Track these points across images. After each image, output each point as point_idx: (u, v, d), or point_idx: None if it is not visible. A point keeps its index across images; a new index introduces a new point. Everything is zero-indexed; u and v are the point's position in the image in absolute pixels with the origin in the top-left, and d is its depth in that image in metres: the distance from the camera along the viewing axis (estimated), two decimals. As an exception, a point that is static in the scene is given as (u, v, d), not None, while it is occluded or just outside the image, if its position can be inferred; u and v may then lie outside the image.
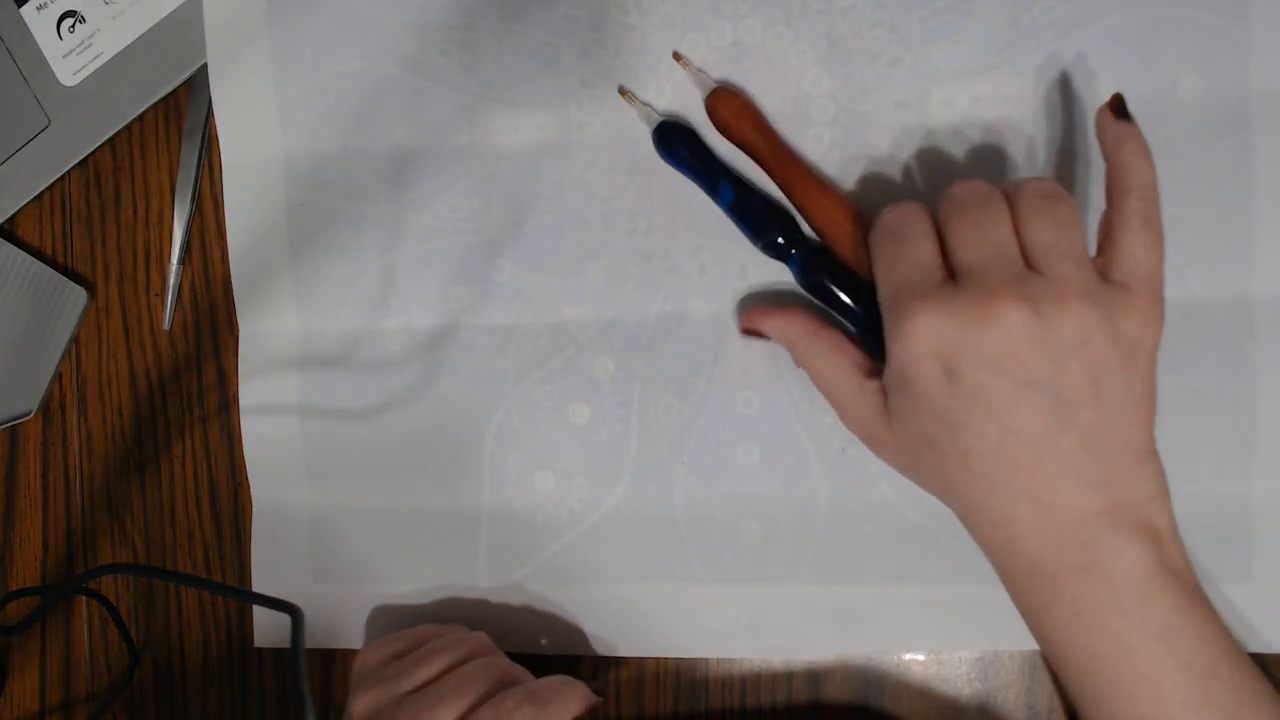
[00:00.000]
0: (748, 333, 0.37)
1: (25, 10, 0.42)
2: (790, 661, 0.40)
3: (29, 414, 0.44)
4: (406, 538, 0.41)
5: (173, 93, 0.43)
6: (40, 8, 0.42)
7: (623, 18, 0.39)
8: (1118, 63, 0.37)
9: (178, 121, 0.43)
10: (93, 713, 0.43)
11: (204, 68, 0.42)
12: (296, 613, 0.33)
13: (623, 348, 0.40)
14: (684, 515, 0.40)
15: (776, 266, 0.39)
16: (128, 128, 0.43)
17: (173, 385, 0.44)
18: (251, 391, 0.42)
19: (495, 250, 0.40)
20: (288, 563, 0.42)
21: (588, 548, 0.40)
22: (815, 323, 0.35)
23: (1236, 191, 0.36)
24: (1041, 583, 0.31)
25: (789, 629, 0.39)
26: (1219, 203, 0.37)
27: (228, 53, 0.41)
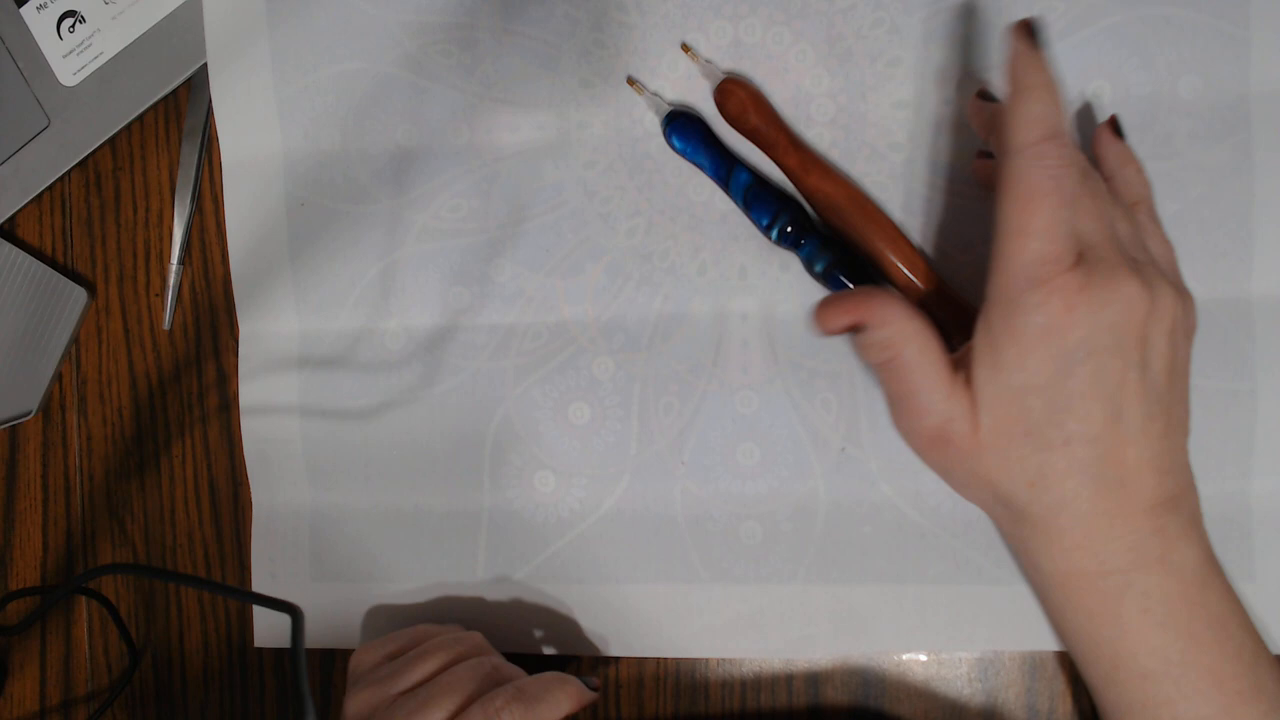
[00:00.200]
0: (834, 330, 0.32)
1: (25, 10, 0.42)
2: (790, 662, 0.40)
3: (29, 414, 0.44)
4: (406, 538, 0.41)
5: (173, 93, 0.43)
6: (40, 8, 0.42)
7: (623, 18, 0.39)
8: (1118, 63, 0.37)
9: (178, 121, 0.43)
10: (93, 713, 0.43)
11: (204, 68, 0.42)
12: (296, 613, 0.33)
13: (623, 348, 0.40)
14: (684, 515, 0.40)
15: (776, 265, 0.39)
16: (128, 128, 0.43)
17: (173, 385, 0.44)
18: (251, 391, 0.42)
19: (495, 250, 0.40)
20: (288, 563, 0.42)
21: (587, 548, 0.40)
22: (909, 308, 0.31)
23: (1236, 191, 0.36)
24: (1111, 579, 0.30)
25: (789, 629, 0.39)
26: (1219, 203, 0.37)
27: (228, 53, 0.41)
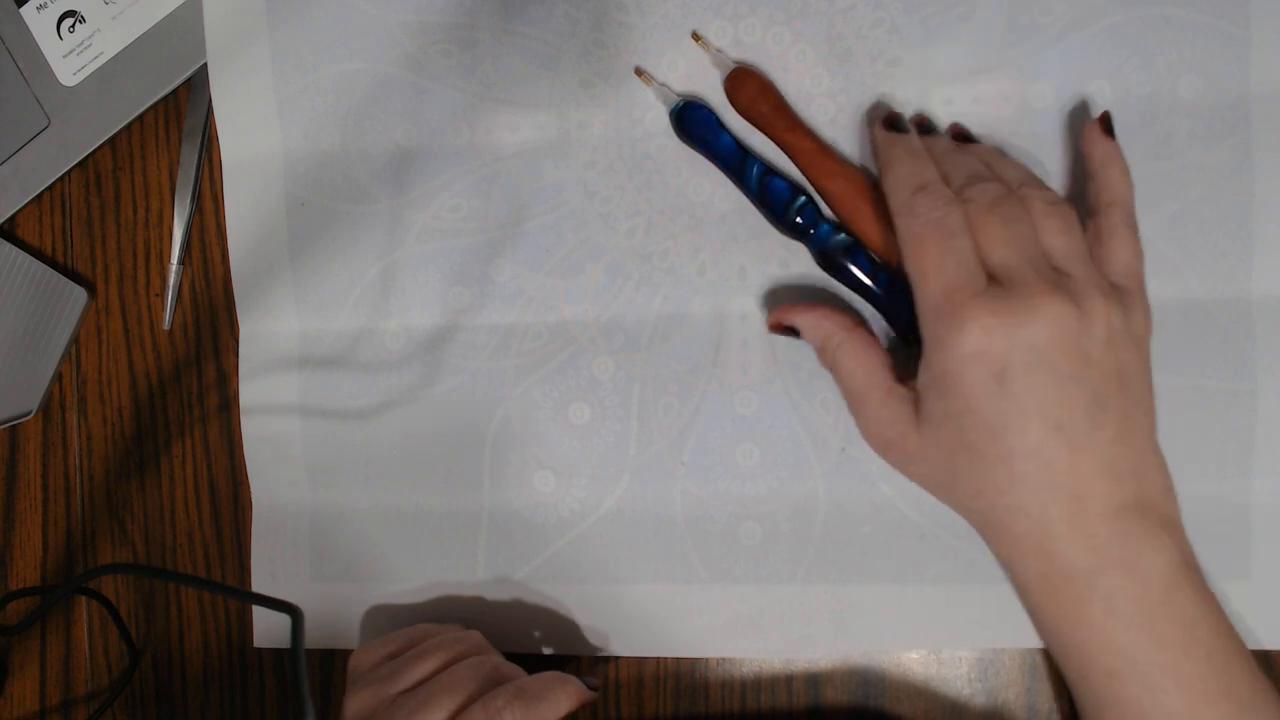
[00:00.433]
0: (777, 329, 0.37)
1: (25, 10, 0.42)
2: (790, 662, 0.40)
3: (29, 414, 0.44)
4: (406, 538, 0.41)
5: (173, 93, 0.43)
6: (40, 8, 0.42)
7: (623, 18, 0.39)
8: (1118, 63, 0.37)
9: (178, 121, 0.43)
10: (93, 713, 0.43)
11: (204, 68, 0.42)
12: (296, 613, 0.33)
13: (623, 348, 0.40)
14: (684, 515, 0.40)
15: (776, 265, 0.39)
16: (128, 128, 0.43)
17: (173, 385, 0.44)
18: (251, 391, 0.42)
19: (495, 250, 0.40)
20: (288, 563, 0.42)
21: (587, 548, 0.40)
22: (849, 321, 0.35)
23: (1236, 191, 0.36)
24: (1074, 583, 0.31)
25: (789, 629, 0.39)
26: (1219, 203, 0.37)
27: (228, 53, 0.41)
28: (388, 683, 0.35)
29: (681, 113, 0.38)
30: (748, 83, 0.37)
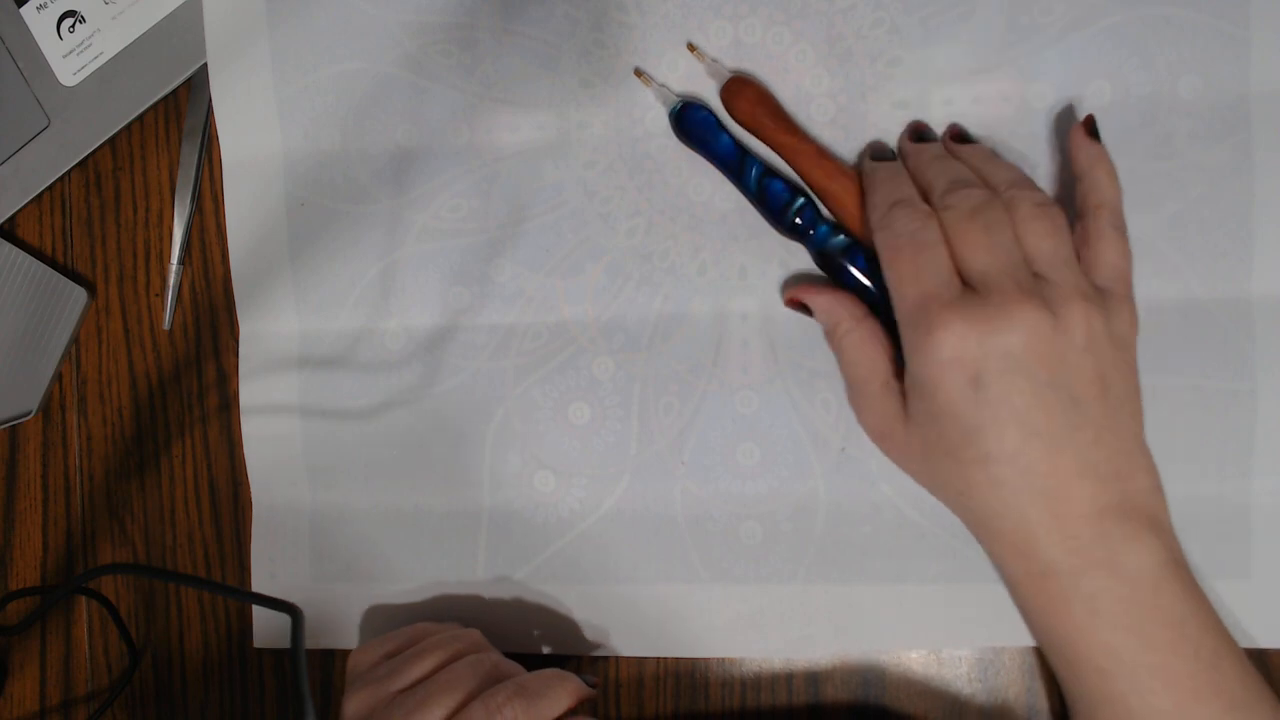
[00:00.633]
0: (793, 304, 0.37)
1: (25, 10, 0.42)
2: (790, 661, 0.40)
3: (29, 414, 0.44)
4: (406, 538, 0.41)
5: (173, 93, 0.43)
6: (40, 8, 0.42)
7: (623, 18, 0.39)
8: (1118, 63, 0.37)
9: (178, 121, 0.43)
10: (93, 713, 0.43)
11: (204, 68, 0.42)
12: (296, 613, 0.33)
13: (623, 348, 0.40)
14: (684, 515, 0.40)
15: (776, 265, 0.39)
16: (128, 128, 0.43)
17: (173, 385, 0.44)
18: (251, 391, 0.42)
19: (495, 250, 0.40)
20: (288, 563, 0.42)
21: (587, 548, 0.40)
22: (861, 310, 0.36)
23: (1236, 191, 0.36)
24: (1057, 583, 0.31)
25: (789, 629, 0.39)
26: (1219, 203, 0.37)
27: (228, 53, 0.41)
28: (386, 681, 0.35)
29: (680, 114, 0.38)
30: (745, 92, 0.37)
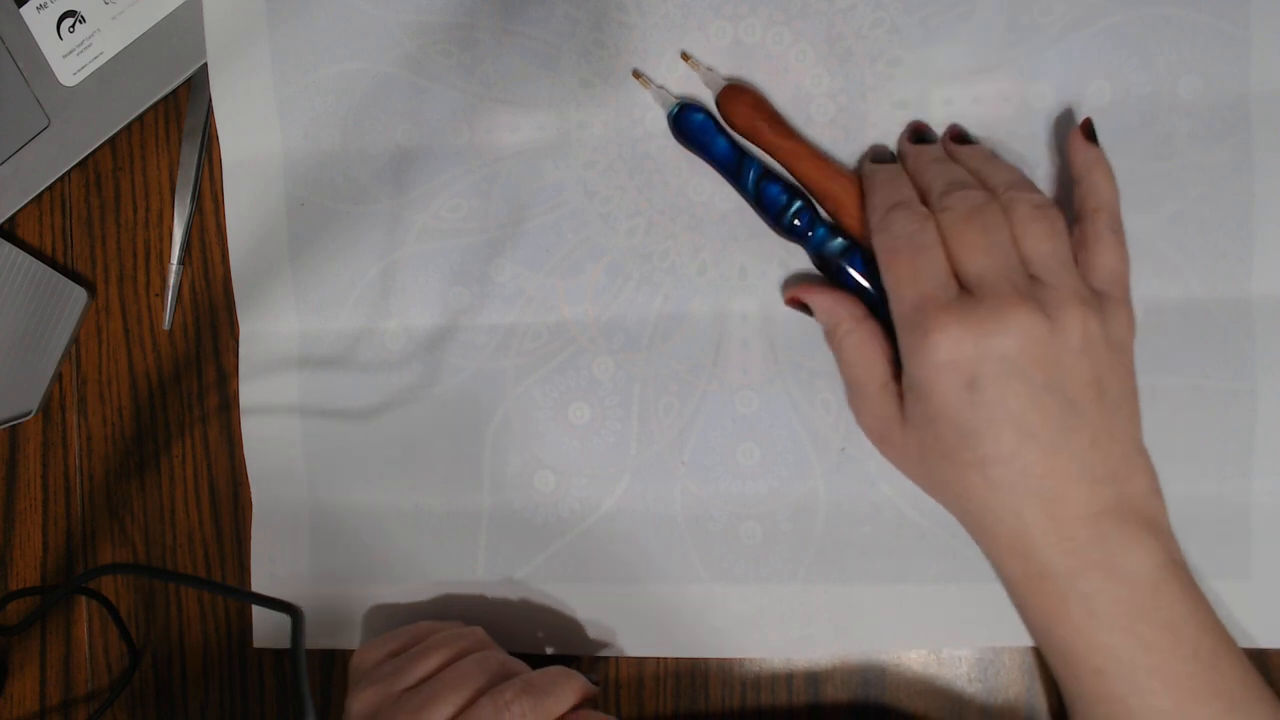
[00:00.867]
0: (793, 303, 0.37)
1: (25, 10, 0.42)
2: (790, 661, 0.40)
3: (29, 414, 0.44)
4: (406, 538, 0.41)
5: (173, 93, 0.43)
6: (40, 8, 0.42)
7: (623, 18, 0.39)
8: (1118, 63, 0.37)
9: (178, 121, 0.43)
10: (93, 713, 0.43)
11: (204, 68, 0.42)
12: (296, 613, 0.33)
13: (623, 348, 0.40)
14: (684, 515, 0.40)
15: (776, 265, 0.39)
16: (128, 128, 0.43)
17: (173, 385, 0.44)
18: (251, 391, 0.42)
19: (495, 250, 0.40)
20: (288, 563, 0.42)
21: (587, 547, 0.40)
22: (861, 311, 0.36)
23: (1236, 191, 0.36)
24: (1055, 584, 0.31)
25: (789, 629, 0.39)
26: (1219, 203, 0.37)
27: (228, 53, 0.41)
28: (392, 680, 0.35)
29: (678, 117, 0.38)
30: (741, 99, 0.37)
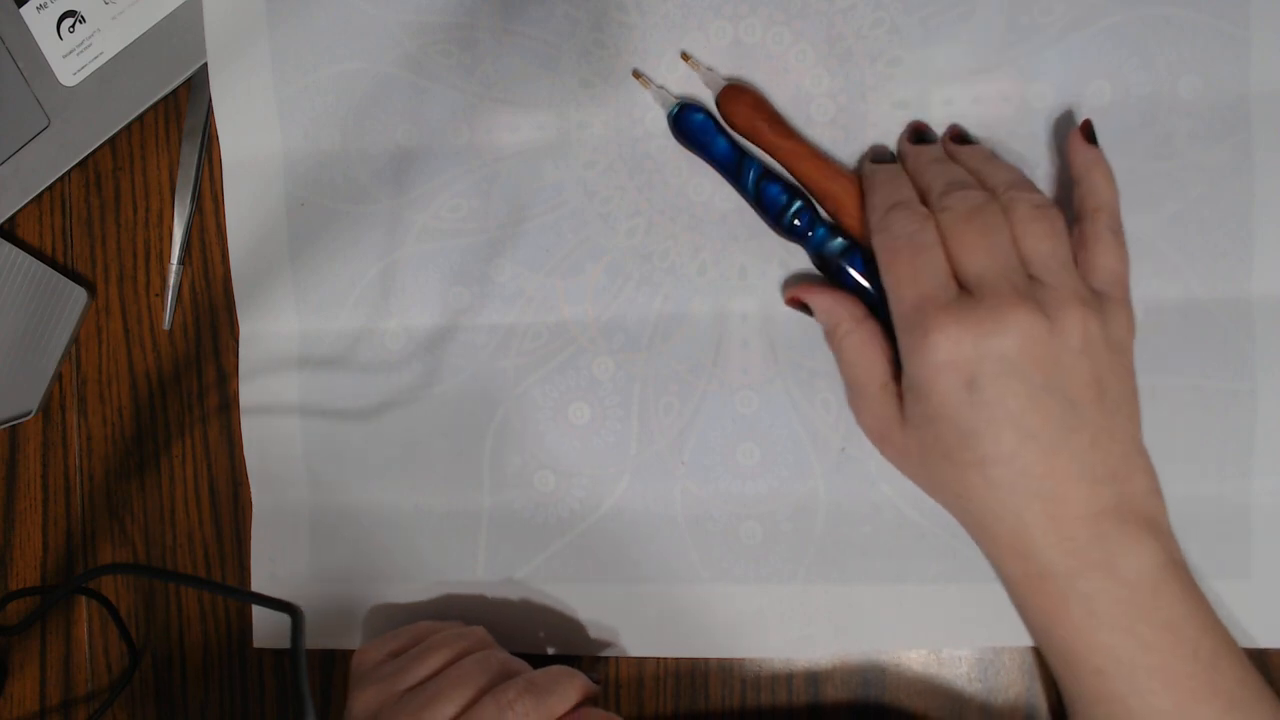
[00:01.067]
0: (794, 303, 0.37)
1: (25, 10, 0.42)
2: (790, 661, 0.40)
3: (29, 414, 0.44)
4: (406, 538, 0.41)
5: (173, 93, 0.43)
6: (40, 8, 0.42)
7: (623, 18, 0.39)
8: (1118, 63, 0.37)
9: (178, 121, 0.43)
10: (93, 713, 0.43)
11: (204, 68, 0.42)
12: (296, 613, 0.33)
13: (623, 348, 0.40)
14: (684, 515, 0.40)
15: (776, 265, 0.39)
16: (128, 128, 0.43)
17: (173, 385, 0.44)
18: (251, 391, 0.42)
19: (495, 250, 0.40)
20: (288, 563, 0.42)
21: (587, 547, 0.40)
22: (861, 311, 0.36)
23: (1236, 191, 0.36)
24: (1055, 584, 0.31)
25: (789, 629, 0.39)
26: (1219, 203, 0.37)
27: (228, 53, 0.41)
28: (394, 679, 0.35)
29: (678, 117, 0.38)
30: (741, 99, 0.37)
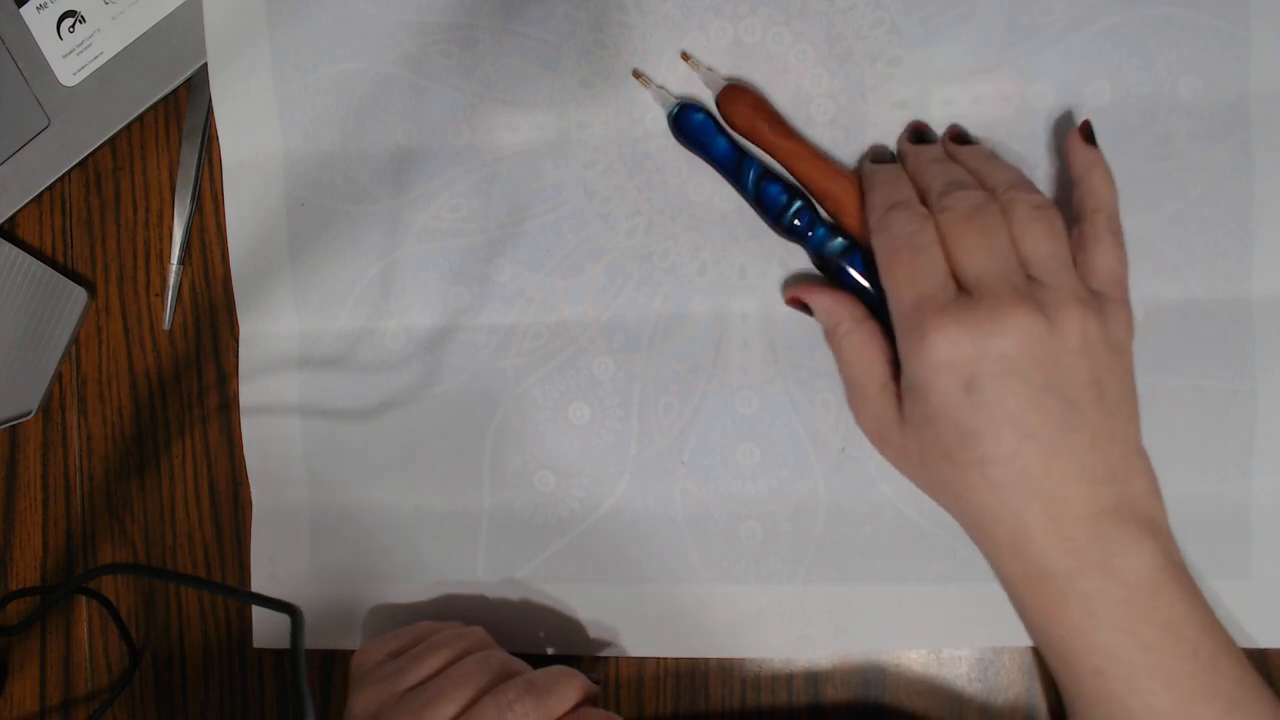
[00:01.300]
0: (794, 303, 0.37)
1: (25, 10, 0.42)
2: (790, 661, 0.40)
3: (29, 414, 0.44)
4: (406, 538, 0.41)
5: (173, 93, 0.43)
6: (40, 8, 0.42)
7: (623, 18, 0.39)
8: (1118, 63, 0.37)
9: (178, 121, 0.43)
10: (93, 713, 0.43)
11: (204, 68, 0.42)
12: (296, 613, 0.33)
13: (623, 348, 0.40)
14: (684, 515, 0.40)
15: (776, 265, 0.39)
16: (128, 128, 0.43)
17: (173, 385, 0.44)
18: (251, 391, 0.42)
19: (495, 250, 0.40)
20: (288, 563, 0.42)
21: (587, 547, 0.40)
22: (861, 312, 0.36)
23: (1236, 191, 0.36)
24: (1054, 585, 0.31)
25: (789, 629, 0.39)
26: (1219, 203, 0.37)
27: (228, 53, 0.41)
28: (394, 680, 0.35)
29: (678, 117, 0.38)
30: (741, 99, 0.37)
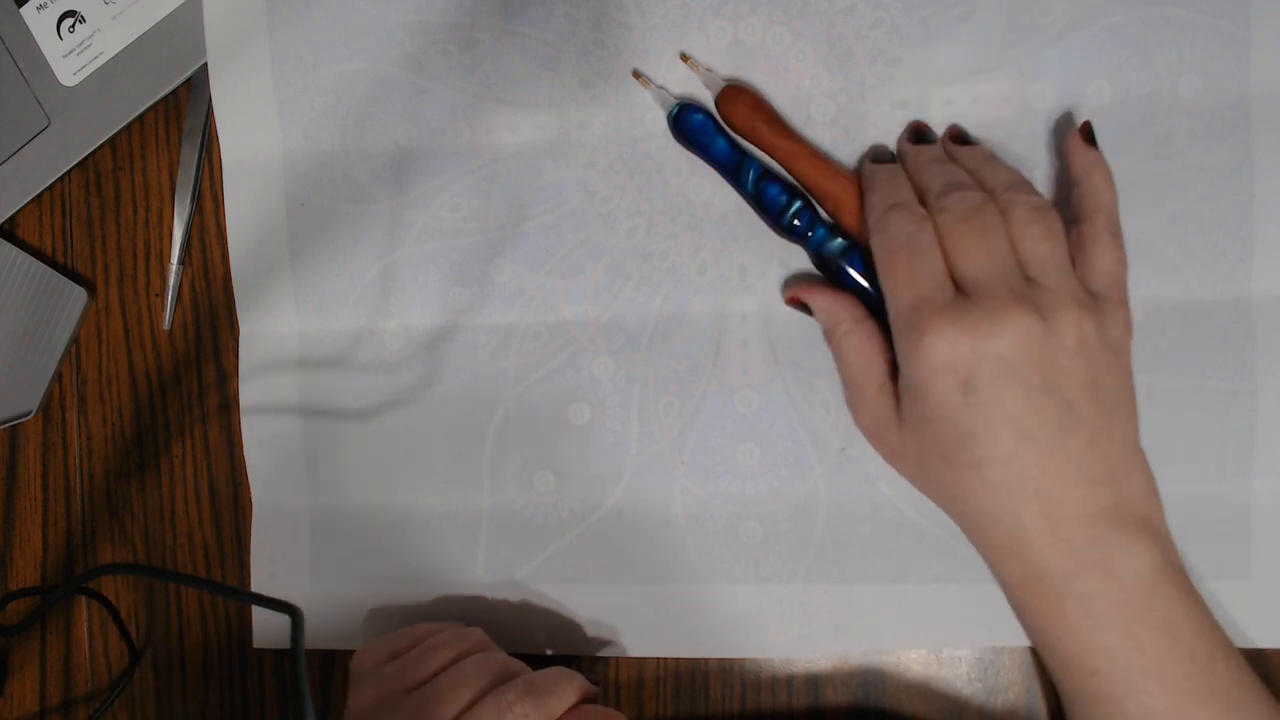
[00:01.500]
0: (793, 303, 0.37)
1: (25, 10, 0.42)
2: (790, 662, 0.40)
3: (29, 414, 0.44)
4: (406, 538, 0.41)
5: (173, 93, 0.43)
6: (40, 8, 0.42)
7: (623, 18, 0.39)
8: (1118, 63, 0.37)
9: (178, 121, 0.43)
10: (93, 713, 0.43)
11: (204, 68, 0.42)
12: (296, 613, 0.33)
13: (623, 348, 0.40)
14: (684, 515, 0.40)
15: (776, 265, 0.39)
16: (128, 128, 0.43)
17: (173, 385, 0.44)
18: (251, 391, 0.42)
19: (495, 250, 0.40)
20: (288, 563, 0.42)
21: (587, 548, 0.40)
22: (860, 312, 0.36)
23: (1236, 191, 0.36)
24: (1051, 586, 0.31)
25: (789, 629, 0.39)
26: (1219, 203, 0.37)
27: (228, 53, 0.41)
28: (393, 681, 0.35)
29: (677, 118, 0.38)
30: (740, 100, 0.37)
